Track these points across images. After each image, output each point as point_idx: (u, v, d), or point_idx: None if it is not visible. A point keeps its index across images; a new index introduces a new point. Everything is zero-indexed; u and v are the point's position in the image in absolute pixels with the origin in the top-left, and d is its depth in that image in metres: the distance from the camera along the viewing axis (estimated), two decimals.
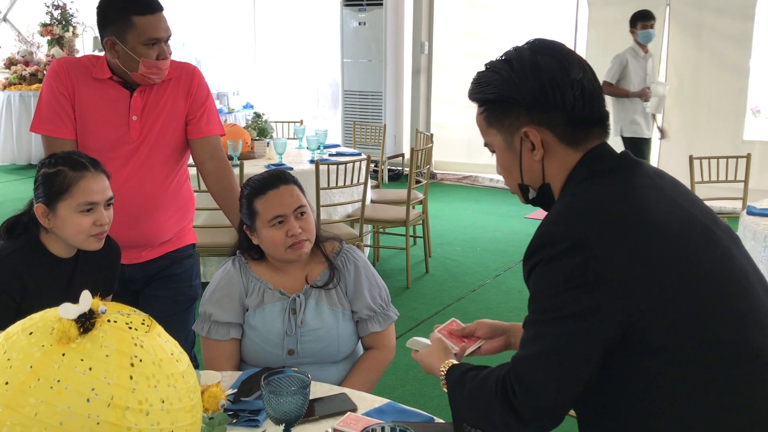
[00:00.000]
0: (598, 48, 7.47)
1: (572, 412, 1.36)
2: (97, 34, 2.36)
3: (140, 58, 2.23)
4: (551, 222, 1.25)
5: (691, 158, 4.81)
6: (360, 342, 2.17)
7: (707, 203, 1.42)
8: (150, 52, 2.23)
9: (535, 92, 1.28)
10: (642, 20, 5.92)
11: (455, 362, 1.46)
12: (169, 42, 2.31)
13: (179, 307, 2.51)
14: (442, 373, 1.44)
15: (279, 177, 2.07)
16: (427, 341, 1.62)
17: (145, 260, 2.43)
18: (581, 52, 7.60)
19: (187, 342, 2.37)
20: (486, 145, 1.41)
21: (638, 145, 5.91)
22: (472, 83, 1.37)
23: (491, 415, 1.27)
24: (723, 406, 1.19)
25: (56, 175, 1.92)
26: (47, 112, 2.32)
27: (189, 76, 2.43)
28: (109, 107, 2.32)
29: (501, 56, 1.35)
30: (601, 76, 7.47)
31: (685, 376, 1.18)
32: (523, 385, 1.22)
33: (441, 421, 1.63)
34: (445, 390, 1.43)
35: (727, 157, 4.89)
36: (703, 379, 1.19)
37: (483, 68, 1.37)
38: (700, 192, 4.82)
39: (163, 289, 2.49)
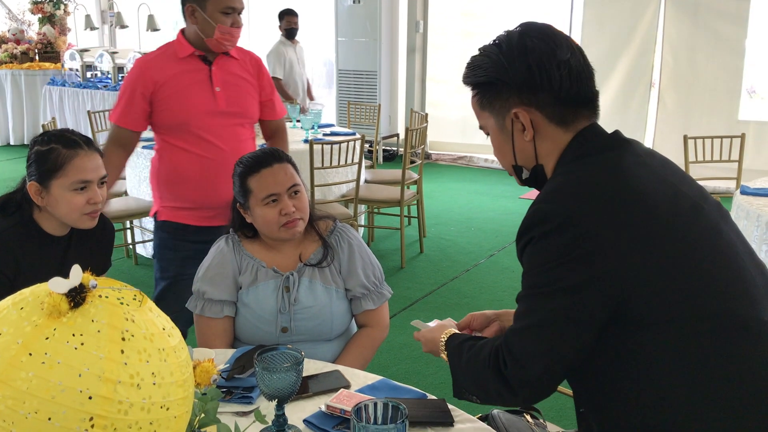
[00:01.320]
0: (593, 27, 7.45)
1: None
2: (89, 12, 2.49)
3: (217, 24, 2.53)
4: (542, 201, 1.28)
5: (685, 138, 4.82)
6: (354, 320, 2.18)
7: (701, 183, 1.44)
8: (226, 20, 2.56)
9: (523, 74, 1.31)
10: None
11: (455, 331, 1.52)
12: (241, 15, 2.63)
13: None
14: (443, 341, 1.50)
15: (273, 155, 2.07)
16: (430, 324, 1.66)
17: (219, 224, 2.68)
18: (577, 31, 7.58)
19: None
20: (481, 127, 1.44)
21: None
22: (465, 68, 1.41)
23: (485, 384, 1.34)
24: (713, 376, 1.21)
25: (49, 153, 1.91)
26: (125, 106, 2.63)
27: (257, 64, 2.79)
28: (195, 81, 2.61)
29: (493, 40, 1.38)
30: (596, 56, 7.48)
31: (675, 349, 1.21)
32: (514, 356, 1.27)
33: (434, 397, 1.65)
34: (444, 357, 1.49)
35: (722, 137, 4.90)
36: (693, 350, 1.21)
37: (476, 52, 1.41)
38: (695, 172, 4.83)
39: None
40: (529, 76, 1.31)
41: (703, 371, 1.21)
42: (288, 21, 6.74)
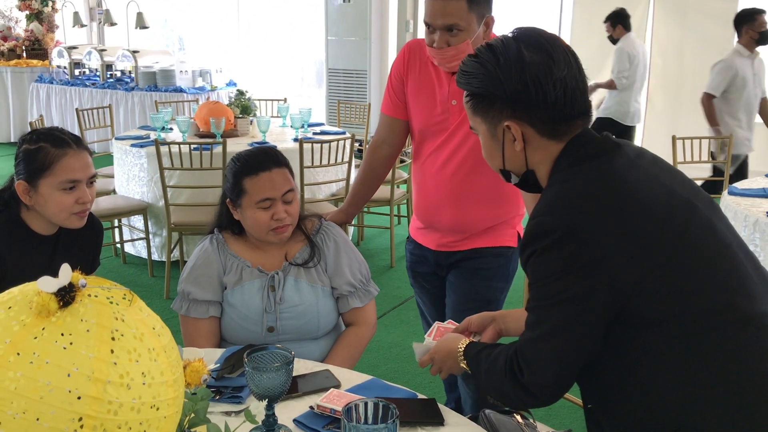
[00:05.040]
0: (583, 27, 7.47)
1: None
2: (77, 9, 2.35)
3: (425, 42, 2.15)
4: (542, 214, 1.31)
5: (674, 138, 4.84)
6: (341, 319, 2.17)
7: None
8: (426, 36, 2.12)
9: (519, 90, 1.33)
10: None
11: (472, 340, 1.57)
12: (451, 32, 2.06)
13: (472, 304, 2.27)
14: (461, 350, 1.54)
15: (272, 158, 2.04)
16: (429, 338, 1.71)
17: (451, 250, 2.32)
18: (566, 30, 7.59)
19: None
20: (471, 128, 1.47)
21: None
22: (459, 69, 1.42)
23: (505, 390, 1.39)
24: (716, 369, 1.25)
25: (37, 152, 1.89)
26: (387, 92, 2.36)
27: None
28: (435, 89, 2.25)
29: (488, 45, 1.38)
30: (585, 56, 7.50)
31: (679, 345, 1.26)
32: (529, 365, 1.33)
33: (424, 397, 1.64)
34: (465, 367, 1.53)
35: (710, 138, 4.92)
36: (697, 345, 1.25)
37: (471, 55, 1.41)
38: (683, 172, 4.86)
39: (460, 281, 2.34)
40: (525, 93, 1.32)
41: (706, 365, 1.25)
42: (761, 22, 5.19)
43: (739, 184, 3.69)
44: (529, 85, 1.32)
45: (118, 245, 5.06)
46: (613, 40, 6.35)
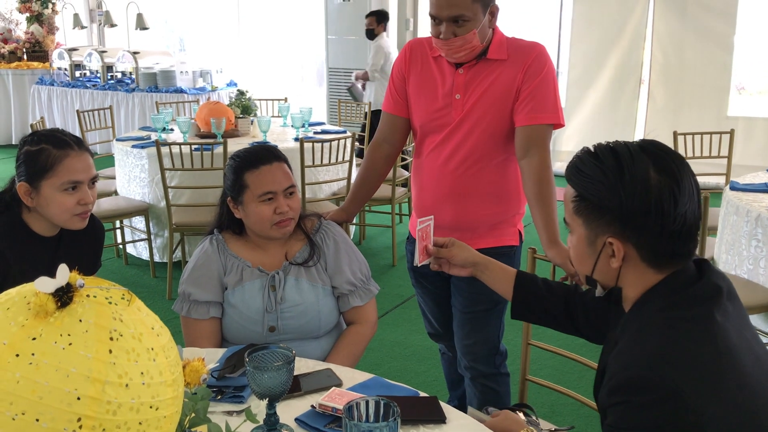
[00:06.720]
0: (583, 23, 7.46)
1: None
2: (78, 11, 2.34)
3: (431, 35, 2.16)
4: (645, 367, 1.22)
5: (675, 134, 4.83)
6: (342, 317, 2.17)
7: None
8: (432, 28, 2.13)
9: (638, 212, 1.25)
10: None
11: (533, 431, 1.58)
12: (459, 23, 2.07)
13: (479, 306, 2.33)
14: None
15: (272, 153, 2.07)
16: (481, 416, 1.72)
17: None
18: (566, 27, 7.58)
19: (486, 343, 2.38)
20: (566, 221, 1.40)
21: None
22: (574, 163, 1.33)
23: None
24: None
25: (39, 153, 1.89)
26: (389, 90, 2.37)
27: (527, 55, 2.15)
28: (437, 85, 2.23)
29: (613, 150, 1.29)
30: (586, 52, 7.50)
31: None
32: None
33: (425, 395, 1.64)
34: None
35: (711, 133, 4.91)
36: None
37: (591, 149, 1.32)
38: None
39: (466, 284, 2.29)
40: (643, 217, 1.24)
41: None
42: None
43: (741, 180, 3.68)
44: (650, 211, 1.23)
45: (120, 246, 5.06)
46: (372, 35, 7.16)
